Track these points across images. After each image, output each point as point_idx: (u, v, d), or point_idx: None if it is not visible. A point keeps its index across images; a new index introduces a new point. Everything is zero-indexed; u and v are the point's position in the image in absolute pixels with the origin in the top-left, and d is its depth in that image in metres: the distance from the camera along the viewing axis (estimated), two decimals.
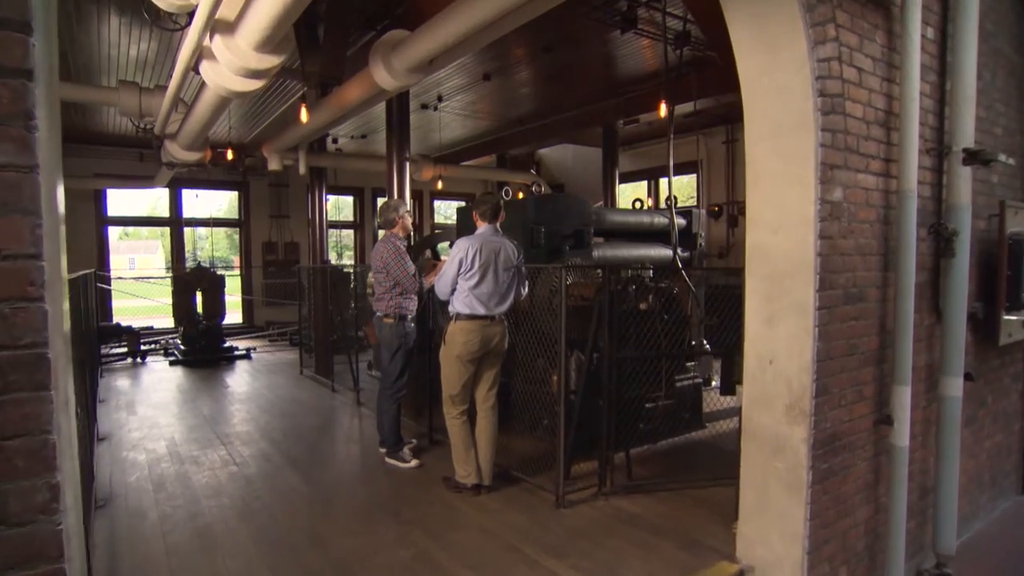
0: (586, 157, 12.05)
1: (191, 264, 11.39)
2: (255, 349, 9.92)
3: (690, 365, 5.59)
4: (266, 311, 12.07)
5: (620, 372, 4.04)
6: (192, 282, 9.42)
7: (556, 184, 12.76)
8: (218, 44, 3.28)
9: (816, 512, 2.71)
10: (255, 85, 3.66)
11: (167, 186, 10.88)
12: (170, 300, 9.49)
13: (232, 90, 3.65)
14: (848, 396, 2.83)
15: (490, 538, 3.35)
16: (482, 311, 3.81)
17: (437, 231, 9.81)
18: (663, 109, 6.12)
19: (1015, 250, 3.74)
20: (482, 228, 3.93)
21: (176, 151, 6.03)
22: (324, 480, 4.25)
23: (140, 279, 11.18)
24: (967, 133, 3.12)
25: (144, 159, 10.09)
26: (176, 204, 11.43)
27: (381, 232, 4.63)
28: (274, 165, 7.35)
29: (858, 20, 2.74)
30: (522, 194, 9.89)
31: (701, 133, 10.22)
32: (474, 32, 3.41)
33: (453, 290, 3.89)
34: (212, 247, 14.71)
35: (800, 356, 2.66)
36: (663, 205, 10.71)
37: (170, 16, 3.62)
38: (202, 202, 12.43)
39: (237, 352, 9.40)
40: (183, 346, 9.16)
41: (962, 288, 3.18)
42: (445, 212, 17.87)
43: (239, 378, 7.97)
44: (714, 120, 9.66)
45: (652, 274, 5.11)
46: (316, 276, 7.98)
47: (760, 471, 2.86)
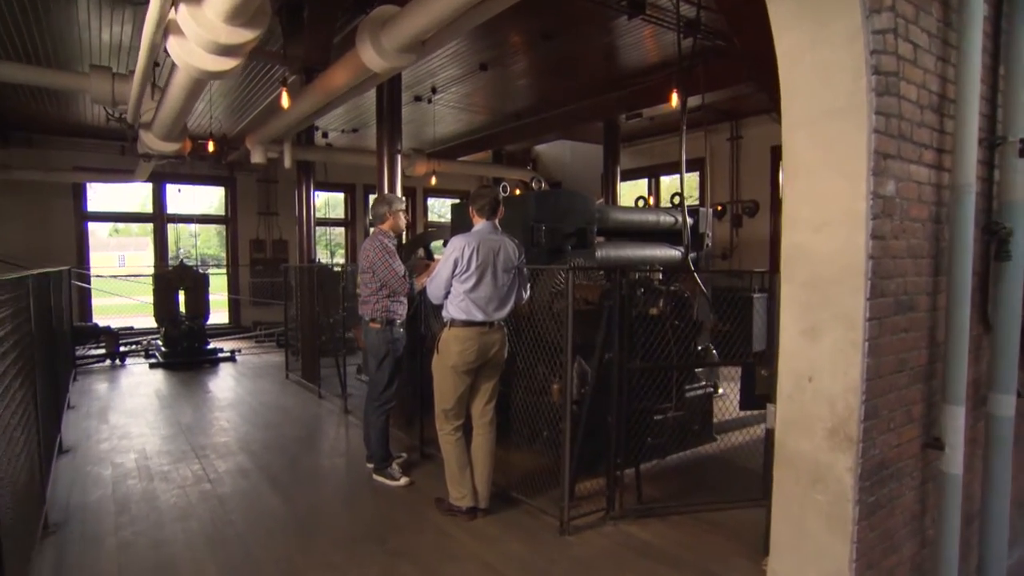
0: (585, 154, 11.70)
1: (177, 262, 10.97)
2: (240, 351, 9.53)
3: (698, 372, 5.26)
4: (253, 311, 11.68)
5: (628, 382, 3.69)
6: (174, 281, 9.02)
7: (553, 182, 12.40)
8: (184, 16, 2.91)
9: (862, 551, 2.37)
10: (228, 64, 3.29)
11: (149, 180, 10.47)
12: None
13: (203, 69, 3.28)
14: (897, 418, 2.49)
15: (488, 572, 2.99)
16: (479, 317, 3.45)
17: (431, 229, 9.45)
18: (675, 99, 5.77)
19: None
20: (479, 225, 3.57)
21: (152, 141, 5.64)
22: (305, 500, 3.88)
23: (119, 277, 10.73)
24: (1023, 122, 2.79)
25: (126, 152, 9.65)
26: (160, 199, 11.00)
27: (372, 230, 4.27)
28: (257, 158, 6.96)
29: None
30: (519, 191, 9.55)
31: (705, 129, 9.90)
32: (470, 5, 3.06)
33: (447, 293, 3.53)
34: (198, 245, 14.28)
35: (846, 374, 2.31)
36: (665, 204, 10.41)
37: None
38: (191, 198, 12.06)
39: (221, 354, 9.00)
40: (164, 348, 8.75)
41: (1017, 295, 2.85)
42: (439, 210, 17.49)
43: (221, 382, 7.57)
44: (719, 116, 9.34)
45: (661, 276, 4.77)
46: (303, 275, 7.59)
47: (796, 503, 2.52)
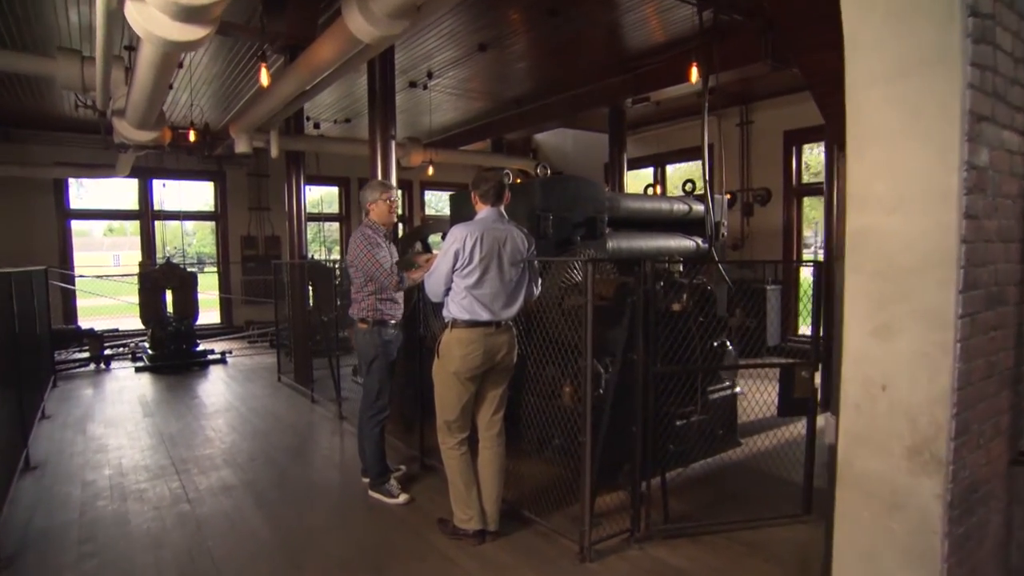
0: (587, 142, 11.28)
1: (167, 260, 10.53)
2: (231, 352, 9.12)
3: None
4: (246, 310, 11.27)
5: (654, 387, 3.30)
6: (160, 280, 8.60)
7: (554, 172, 11.98)
8: None
9: None
10: (196, 33, 2.88)
11: (134, 176, 10.04)
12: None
13: (168, 39, 2.87)
14: (986, 432, 2.11)
15: None
16: (484, 316, 3.06)
17: (429, 223, 9.04)
18: (695, 75, 5.35)
19: None
20: (483, 212, 3.17)
21: (126, 130, 5.22)
22: (292, 522, 3.49)
23: (104, 277, 10.31)
24: None
25: (111, 146, 9.23)
26: (147, 195, 10.56)
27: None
28: (242, 147, 6.53)
29: None
30: (519, 180, 9.14)
31: (714, 115, 9.49)
32: None
33: (448, 290, 3.14)
34: (194, 243, 13.85)
35: (931, 382, 1.92)
36: (672, 193, 9.99)
37: None
38: (183, 195, 11.63)
39: (211, 356, 8.60)
40: (151, 350, 8.35)
41: None
42: (436, 205, 17.07)
43: (210, 386, 7.18)
44: (728, 100, 8.92)
45: (682, 268, 4.39)
46: (294, 272, 7.19)
47: (866, 533, 2.13)
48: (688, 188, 6.55)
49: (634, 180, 11.68)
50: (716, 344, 4.67)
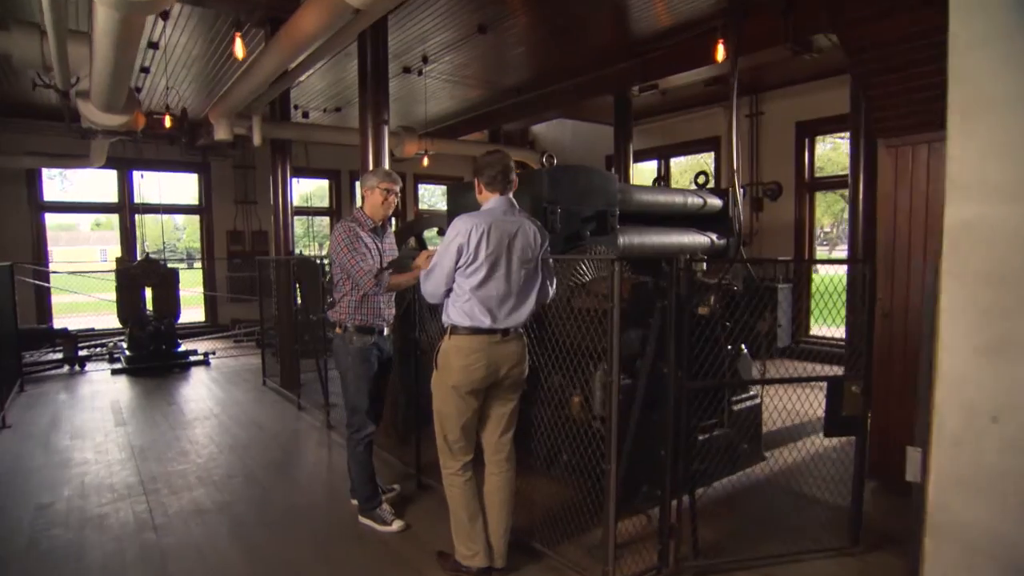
0: (587, 134, 10.88)
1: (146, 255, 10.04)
2: (214, 353, 8.66)
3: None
4: (232, 308, 10.80)
5: (687, 404, 2.91)
6: (139, 277, 8.13)
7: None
8: None
9: None
10: None
11: (113, 168, 9.57)
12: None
13: None
14: None
15: None
16: (487, 322, 2.64)
17: (424, 216, 8.63)
18: (720, 53, 4.94)
19: None
20: (490, 202, 2.76)
21: (92, 113, 4.77)
22: (271, 554, 3.08)
23: (79, 273, 9.81)
24: None
25: (78, 132, 8.72)
26: (126, 188, 10.06)
27: None
28: (222, 134, 6.08)
29: None
30: (519, 172, 8.72)
31: (720, 105, 9.11)
32: None
33: (449, 291, 2.73)
34: (174, 237, 13.34)
35: None
36: (680, 187, 9.58)
37: None
38: (169, 187, 11.17)
39: (193, 358, 8.14)
40: (129, 351, 7.89)
41: None
42: (430, 200, 16.65)
43: (190, 391, 6.73)
44: (736, 89, 8.52)
45: (705, 267, 3.99)
46: (280, 269, 6.75)
47: None
48: (701, 181, 6.18)
49: (638, 174, 11.29)
50: (730, 348, 4.31)
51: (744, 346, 4.64)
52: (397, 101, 8.34)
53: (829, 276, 3.44)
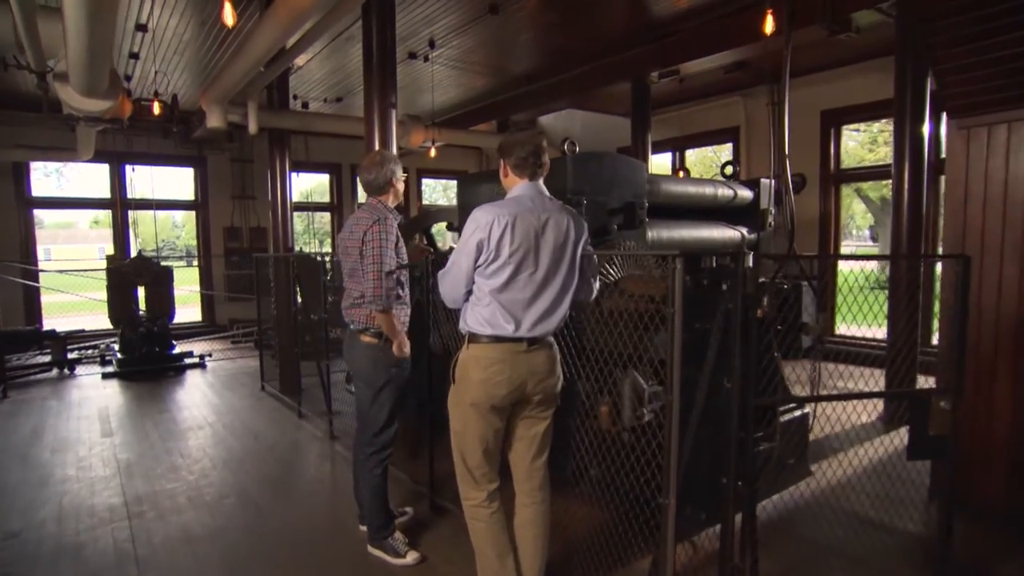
0: (597, 125, 10.45)
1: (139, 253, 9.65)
2: (210, 355, 8.27)
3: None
4: (230, 307, 10.40)
5: (716, 407, 2.51)
6: (131, 275, 7.74)
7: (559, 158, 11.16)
8: None
9: None
10: None
11: (103, 161, 9.18)
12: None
13: None
14: None
15: None
16: (510, 329, 2.24)
17: (432, 210, 8.24)
18: (770, 24, 4.52)
19: None
20: (517, 189, 2.35)
21: (73, 97, 4.37)
22: None
23: (68, 272, 9.40)
24: None
25: (58, 119, 8.30)
26: (119, 182, 9.64)
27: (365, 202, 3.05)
28: (215, 121, 5.66)
29: None
30: None
31: (739, 94, 8.70)
32: None
33: (469, 293, 2.34)
34: (183, 236, 12.94)
35: None
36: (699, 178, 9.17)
37: None
38: (166, 182, 10.80)
39: (188, 360, 7.76)
40: (120, 354, 7.50)
41: None
42: (431, 195, 16.28)
43: (184, 396, 6.35)
44: (756, 78, 8.13)
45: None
46: (279, 267, 6.36)
47: None
48: (728, 172, 5.79)
49: (651, 166, 10.88)
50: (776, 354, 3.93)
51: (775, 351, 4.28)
52: (402, 90, 7.90)
53: (854, 273, 3.06)
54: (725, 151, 10.37)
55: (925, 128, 4.77)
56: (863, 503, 3.46)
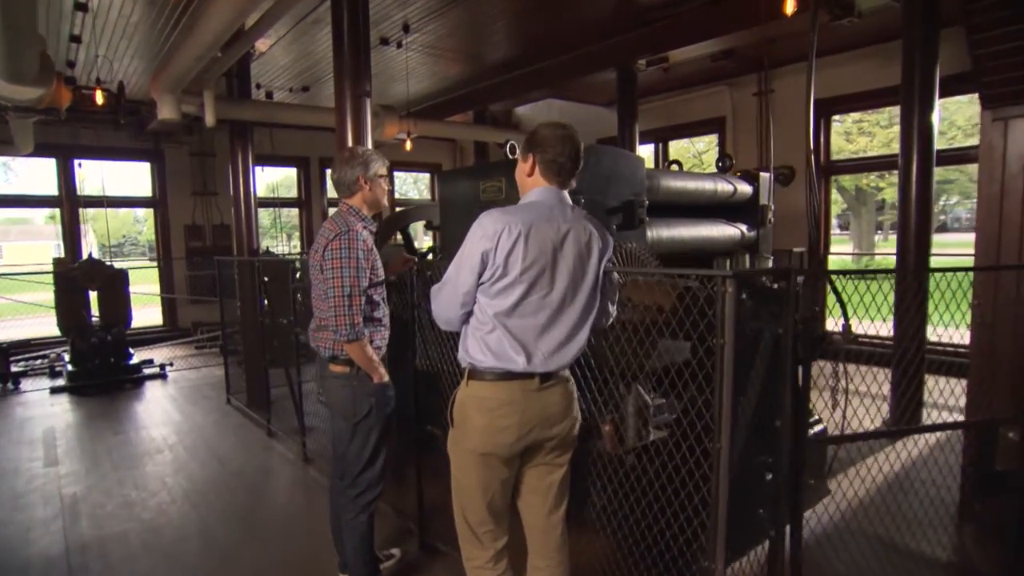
0: (576, 116, 10.07)
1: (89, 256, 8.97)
2: (171, 364, 7.72)
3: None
4: (193, 310, 9.81)
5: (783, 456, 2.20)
6: (82, 279, 7.13)
7: None
8: None
9: None
10: None
11: (49, 155, 8.50)
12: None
13: None
14: None
15: None
16: (520, 363, 1.87)
17: (411, 208, 7.79)
18: (790, 5, 4.17)
19: None
20: (533, 193, 1.96)
21: None
22: None
23: (7, 275, 8.72)
24: None
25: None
26: (68, 178, 8.95)
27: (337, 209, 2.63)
28: (167, 112, 5.14)
29: None
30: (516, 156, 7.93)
31: (724, 83, 8.43)
32: None
33: (468, 315, 1.96)
34: (144, 232, 12.21)
35: None
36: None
37: None
38: (123, 178, 10.09)
39: (148, 371, 7.21)
40: (71, 366, 6.92)
41: None
42: (402, 188, 15.75)
43: (143, 414, 5.84)
44: (744, 67, 7.86)
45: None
46: (243, 270, 5.86)
47: None
48: (723, 164, 5.49)
49: None
50: None
51: None
52: (374, 78, 7.41)
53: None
54: (703, 141, 10.11)
55: (935, 116, 4.52)
56: (887, 525, 3.21)
